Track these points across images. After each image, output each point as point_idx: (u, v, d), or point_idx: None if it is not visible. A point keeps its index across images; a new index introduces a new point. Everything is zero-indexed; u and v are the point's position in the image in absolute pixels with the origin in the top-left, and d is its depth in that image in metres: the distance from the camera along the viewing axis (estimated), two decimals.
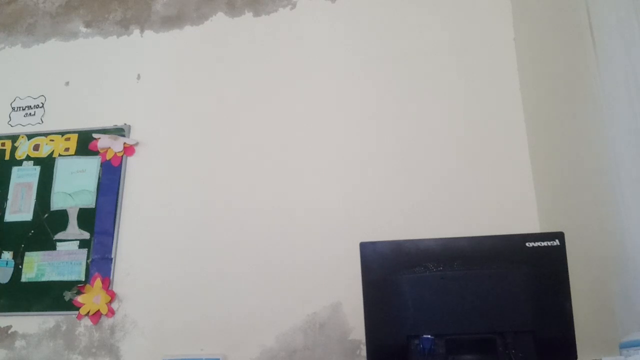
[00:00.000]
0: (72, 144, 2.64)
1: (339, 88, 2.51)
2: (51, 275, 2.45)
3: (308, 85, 2.54)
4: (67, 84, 2.77)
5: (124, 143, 2.58)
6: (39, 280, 2.45)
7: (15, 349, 2.37)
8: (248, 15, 2.71)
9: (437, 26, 2.52)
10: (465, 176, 2.29)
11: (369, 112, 2.45)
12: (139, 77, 2.71)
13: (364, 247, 1.56)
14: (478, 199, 2.25)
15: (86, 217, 2.51)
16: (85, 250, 2.46)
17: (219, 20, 2.73)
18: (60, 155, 2.63)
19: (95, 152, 2.60)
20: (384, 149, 2.39)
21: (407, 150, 2.37)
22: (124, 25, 2.82)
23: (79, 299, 2.38)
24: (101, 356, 2.31)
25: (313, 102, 2.51)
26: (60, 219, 2.52)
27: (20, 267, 2.48)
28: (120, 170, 2.55)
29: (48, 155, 2.64)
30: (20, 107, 2.76)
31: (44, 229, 2.52)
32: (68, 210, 2.54)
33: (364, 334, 1.52)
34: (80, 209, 2.53)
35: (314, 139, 2.46)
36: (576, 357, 1.46)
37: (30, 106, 2.76)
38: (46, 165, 2.62)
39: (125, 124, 2.63)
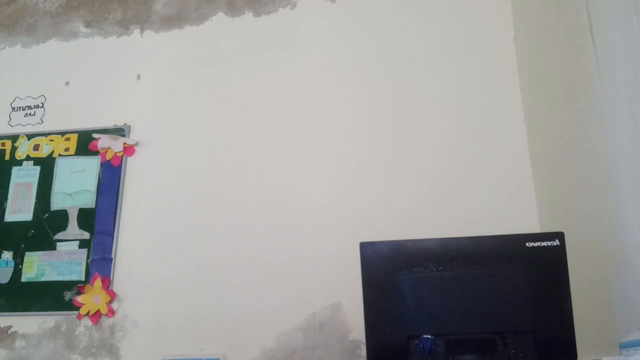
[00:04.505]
0: (72, 144, 2.64)
1: (339, 87, 2.51)
2: (51, 275, 2.45)
3: (308, 85, 2.54)
4: (67, 84, 2.77)
5: (124, 143, 2.58)
6: (39, 280, 2.45)
7: (15, 349, 2.37)
8: (248, 15, 2.71)
9: (437, 26, 2.52)
10: (466, 176, 2.29)
11: (370, 111, 2.45)
12: (139, 77, 2.72)
13: (364, 247, 1.56)
14: (478, 198, 2.25)
15: (86, 217, 2.51)
16: (85, 250, 2.46)
17: (219, 20, 2.73)
18: (60, 155, 2.63)
19: (95, 152, 2.60)
20: (385, 149, 2.39)
21: (407, 150, 2.37)
22: (124, 25, 2.82)
23: (79, 299, 2.38)
24: (101, 356, 2.31)
25: (313, 102, 2.51)
26: (60, 219, 2.52)
27: (20, 267, 2.48)
28: (120, 170, 2.55)
29: (48, 155, 2.64)
30: (20, 107, 2.76)
31: (44, 229, 2.52)
32: (68, 210, 2.54)
33: (364, 334, 1.52)
34: (80, 209, 2.53)
35: (314, 138, 2.46)
36: (576, 357, 1.46)
37: (30, 106, 2.76)
38: (46, 165, 2.62)
39: (125, 124, 2.64)
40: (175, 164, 2.54)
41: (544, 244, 1.50)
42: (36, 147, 2.67)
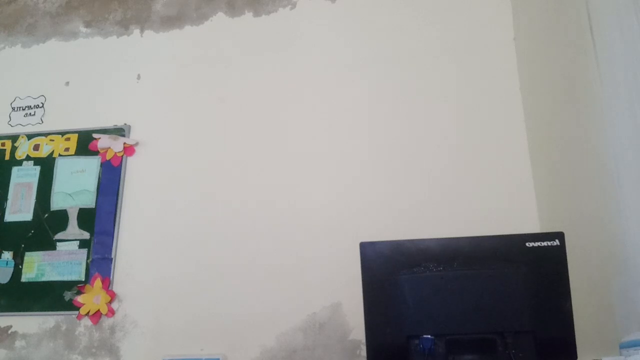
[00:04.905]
0: (72, 144, 2.64)
1: (339, 87, 2.51)
2: (51, 275, 2.45)
3: (308, 85, 2.54)
4: (67, 84, 2.77)
5: (124, 143, 2.58)
6: (39, 280, 2.45)
7: (15, 349, 2.37)
8: (248, 15, 2.71)
9: (437, 26, 2.52)
10: (466, 176, 2.29)
11: (370, 111, 2.45)
12: (139, 77, 2.71)
13: (364, 247, 1.56)
14: (478, 198, 2.25)
15: (86, 217, 2.51)
16: (85, 250, 2.46)
17: (219, 20, 2.73)
18: (60, 155, 2.63)
19: (95, 152, 2.60)
20: (385, 149, 2.39)
21: (407, 150, 2.37)
22: (124, 25, 2.82)
23: (79, 299, 2.38)
24: (101, 356, 2.31)
25: (313, 102, 2.51)
26: (60, 219, 2.52)
27: (20, 267, 2.48)
28: (120, 170, 2.55)
29: (48, 155, 2.64)
30: (20, 107, 2.76)
31: (44, 229, 2.52)
32: (68, 210, 2.54)
33: (364, 334, 1.52)
34: (80, 209, 2.53)
35: (314, 138, 2.46)
36: (576, 357, 1.46)
37: (30, 106, 2.76)
38: (46, 165, 2.62)
39: (125, 124, 2.63)
40: (175, 164, 2.54)
41: (544, 244, 1.50)
42: (36, 147, 2.67)
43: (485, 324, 1.48)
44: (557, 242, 1.49)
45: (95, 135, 2.61)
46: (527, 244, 1.50)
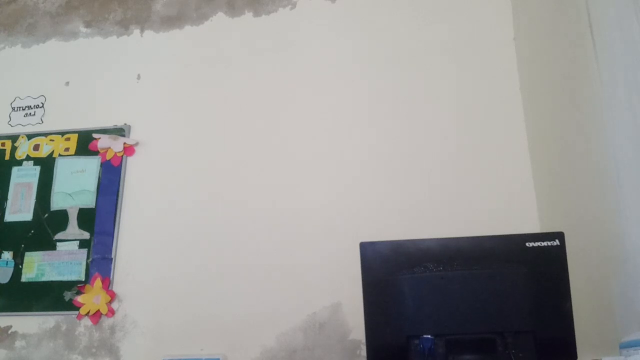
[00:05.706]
0: (72, 144, 2.64)
1: (339, 88, 2.51)
2: (51, 275, 2.45)
3: (308, 85, 2.54)
4: (67, 84, 2.77)
5: (124, 143, 2.58)
6: (39, 280, 2.45)
7: (15, 349, 2.37)
8: (248, 15, 2.71)
9: (437, 26, 2.52)
10: (465, 176, 2.29)
11: (369, 111, 2.45)
12: (139, 77, 2.72)
13: (364, 247, 1.56)
14: (478, 199, 2.25)
15: (86, 217, 2.51)
16: (85, 250, 2.46)
17: (219, 20, 2.73)
18: (60, 155, 2.63)
19: (95, 152, 2.60)
20: (385, 149, 2.39)
21: (407, 150, 2.37)
22: (124, 25, 2.82)
23: (79, 299, 2.38)
24: (101, 356, 2.31)
25: (313, 102, 2.51)
26: (60, 219, 2.52)
27: (20, 267, 2.48)
28: (120, 170, 2.55)
29: (48, 155, 2.64)
30: (20, 107, 2.76)
31: (44, 229, 2.52)
32: (68, 210, 2.54)
33: (364, 334, 1.52)
34: (80, 209, 2.53)
35: (314, 138, 2.46)
36: (576, 357, 1.46)
37: (30, 106, 2.76)
38: (46, 165, 2.62)
39: (125, 124, 2.64)
40: (175, 164, 2.54)
41: (544, 244, 1.50)
42: (36, 147, 2.67)
43: (485, 324, 1.48)
44: (557, 242, 1.49)
45: (95, 135, 2.61)
46: (527, 244, 1.50)
